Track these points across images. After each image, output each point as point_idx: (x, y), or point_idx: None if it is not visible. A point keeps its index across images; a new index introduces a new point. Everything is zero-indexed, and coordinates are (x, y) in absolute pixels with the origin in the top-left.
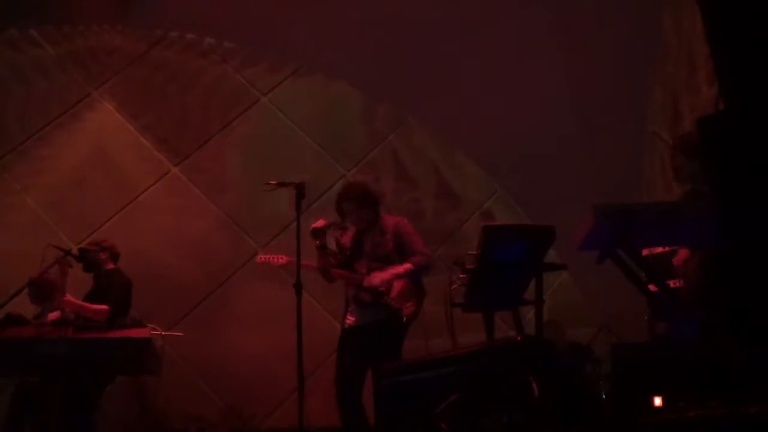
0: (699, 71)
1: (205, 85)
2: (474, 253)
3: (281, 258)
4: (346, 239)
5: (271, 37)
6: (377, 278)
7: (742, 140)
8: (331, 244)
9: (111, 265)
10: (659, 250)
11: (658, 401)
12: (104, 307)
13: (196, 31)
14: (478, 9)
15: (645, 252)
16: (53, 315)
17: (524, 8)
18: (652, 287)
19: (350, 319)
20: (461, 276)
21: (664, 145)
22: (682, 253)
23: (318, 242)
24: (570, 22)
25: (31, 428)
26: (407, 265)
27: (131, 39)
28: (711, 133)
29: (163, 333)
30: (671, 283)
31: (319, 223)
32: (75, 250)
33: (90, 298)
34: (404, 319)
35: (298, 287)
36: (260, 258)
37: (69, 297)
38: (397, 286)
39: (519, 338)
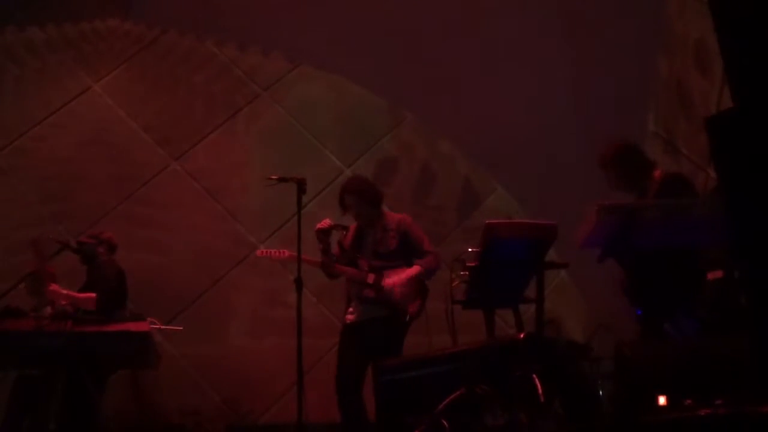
0: (702, 71)
1: (206, 79)
2: (475, 250)
3: (283, 252)
4: (348, 239)
5: (273, 33)
6: (390, 282)
7: (751, 138)
8: (334, 247)
9: (106, 257)
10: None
11: (662, 400)
12: (92, 295)
13: (197, 26)
14: (478, 6)
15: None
16: (48, 308)
17: (525, 6)
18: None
19: (352, 316)
20: (462, 273)
21: (665, 144)
22: None
23: (321, 246)
24: (571, 19)
25: (30, 421)
26: (417, 269)
27: (132, 34)
28: (719, 131)
29: (161, 327)
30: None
31: (324, 223)
32: (74, 243)
33: (85, 289)
34: (407, 317)
35: (299, 282)
36: (260, 252)
37: (55, 286)
38: (400, 284)
39: (521, 335)
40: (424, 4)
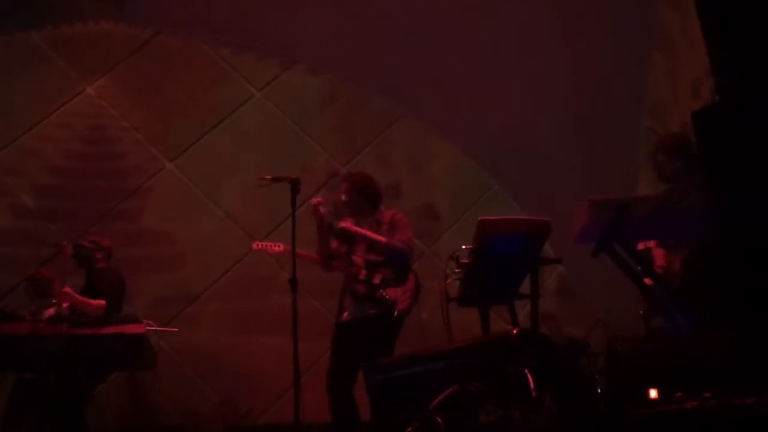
0: (695, 65)
1: (200, 80)
2: (470, 247)
3: (278, 246)
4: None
5: (266, 33)
6: (349, 224)
7: (737, 132)
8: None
9: (104, 264)
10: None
11: (653, 393)
12: (101, 302)
13: (191, 27)
14: (477, 5)
15: (640, 246)
16: (49, 311)
17: (522, 3)
18: (647, 281)
19: (345, 314)
20: (456, 270)
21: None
22: (659, 253)
23: (317, 222)
24: (567, 16)
25: (29, 423)
26: (382, 237)
27: (126, 35)
28: (706, 125)
29: (158, 329)
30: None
31: (317, 199)
32: (69, 246)
33: (84, 293)
34: (397, 313)
35: (294, 282)
36: (256, 245)
37: (68, 289)
38: (383, 274)
39: (515, 331)
40: (422, 2)
